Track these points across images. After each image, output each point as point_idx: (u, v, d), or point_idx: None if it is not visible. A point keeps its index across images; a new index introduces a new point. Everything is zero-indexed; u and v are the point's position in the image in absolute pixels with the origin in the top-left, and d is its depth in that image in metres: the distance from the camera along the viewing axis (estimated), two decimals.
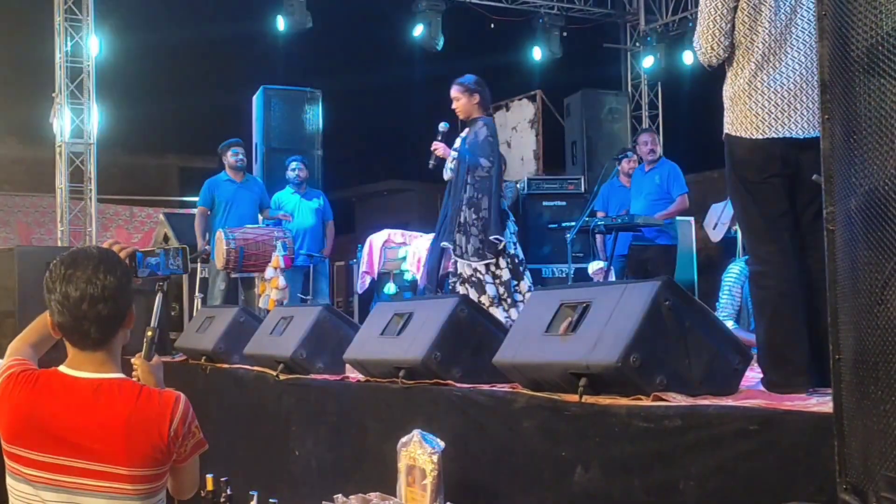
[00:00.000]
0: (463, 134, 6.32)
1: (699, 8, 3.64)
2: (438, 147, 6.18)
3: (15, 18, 11.52)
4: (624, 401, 2.93)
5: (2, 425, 2.42)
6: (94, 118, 9.96)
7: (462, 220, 6.11)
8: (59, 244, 9.81)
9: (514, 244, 6.19)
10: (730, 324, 5.70)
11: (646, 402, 2.88)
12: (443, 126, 6.24)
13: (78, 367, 2.44)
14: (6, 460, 2.42)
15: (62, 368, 2.46)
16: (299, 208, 8.87)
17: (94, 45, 9.94)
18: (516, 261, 6.12)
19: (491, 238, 6.01)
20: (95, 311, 2.39)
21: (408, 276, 9.41)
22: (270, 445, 5.09)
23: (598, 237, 8.30)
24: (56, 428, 2.37)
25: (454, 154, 6.11)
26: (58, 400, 2.39)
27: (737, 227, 7.79)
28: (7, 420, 2.41)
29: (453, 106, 6.30)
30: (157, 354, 2.86)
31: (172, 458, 2.47)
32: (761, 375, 3.44)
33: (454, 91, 6.23)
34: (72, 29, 9.82)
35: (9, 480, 2.43)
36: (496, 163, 6.15)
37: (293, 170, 8.95)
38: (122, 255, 2.64)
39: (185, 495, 2.67)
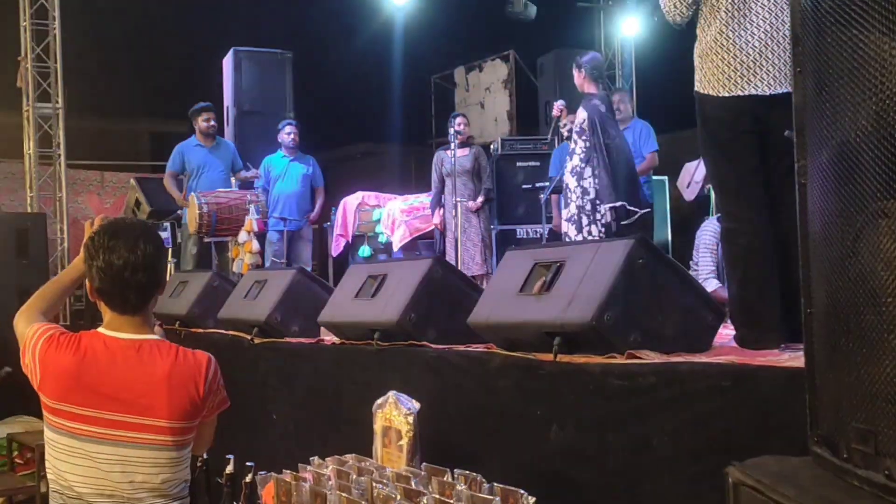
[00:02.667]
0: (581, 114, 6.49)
1: None
2: (557, 108, 6.71)
3: None
4: (598, 359, 2.94)
5: (48, 385, 2.56)
6: (60, 82, 9.81)
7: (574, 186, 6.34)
8: (29, 210, 9.70)
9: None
10: (714, 282, 5.73)
11: (620, 360, 2.89)
12: (560, 103, 6.77)
13: (117, 329, 2.61)
14: (48, 416, 2.57)
15: (102, 330, 2.62)
16: (287, 172, 8.79)
17: (58, 7, 9.76)
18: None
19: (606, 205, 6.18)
20: (136, 279, 2.56)
21: (382, 238, 9.40)
22: (247, 409, 5.09)
23: (554, 197, 8.24)
24: (103, 385, 2.53)
25: (567, 122, 6.31)
26: (103, 359, 2.56)
27: (710, 185, 7.80)
28: (53, 380, 2.55)
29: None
30: None
31: (203, 413, 2.65)
32: (734, 332, 3.46)
33: (573, 69, 6.65)
34: None
35: (49, 434, 2.59)
36: (616, 135, 6.40)
37: (288, 133, 8.85)
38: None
39: (202, 449, 2.90)
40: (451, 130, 8.19)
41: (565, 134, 6.62)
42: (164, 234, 8.51)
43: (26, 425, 7.05)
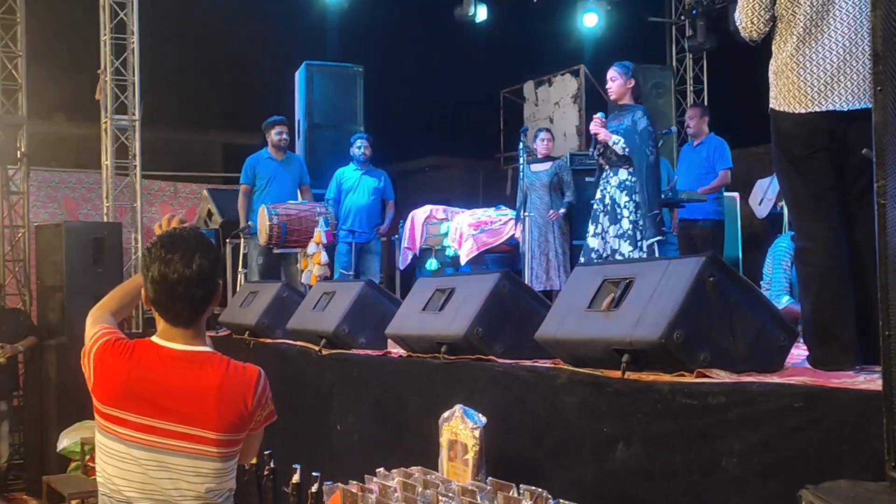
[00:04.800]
0: (616, 120, 6.41)
1: None
2: (600, 131, 6.33)
3: None
4: (667, 377, 2.91)
5: (100, 389, 2.59)
6: (138, 95, 10.03)
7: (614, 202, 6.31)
8: (105, 220, 9.91)
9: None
10: (785, 299, 5.64)
11: (689, 378, 2.86)
12: (599, 116, 6.48)
13: (170, 340, 2.61)
14: (99, 419, 2.60)
15: (155, 339, 2.63)
16: (359, 185, 8.88)
17: (136, 22, 10.00)
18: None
19: (650, 214, 6.18)
20: (189, 294, 2.57)
21: (449, 252, 9.41)
22: (313, 420, 5.14)
23: None
24: (153, 393, 2.55)
25: (616, 138, 6.18)
26: (154, 368, 2.57)
27: (783, 202, 7.69)
28: (105, 385, 2.59)
29: (609, 86, 6.53)
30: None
31: (251, 426, 2.65)
32: (807, 352, 3.40)
33: (613, 72, 6.48)
34: (116, 6, 9.89)
35: (99, 438, 2.62)
36: (655, 152, 6.37)
37: (358, 147, 8.94)
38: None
39: (248, 460, 2.86)
40: (525, 145, 8.14)
41: (600, 150, 6.47)
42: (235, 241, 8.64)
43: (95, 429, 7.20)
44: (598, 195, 6.41)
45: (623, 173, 6.26)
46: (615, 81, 6.43)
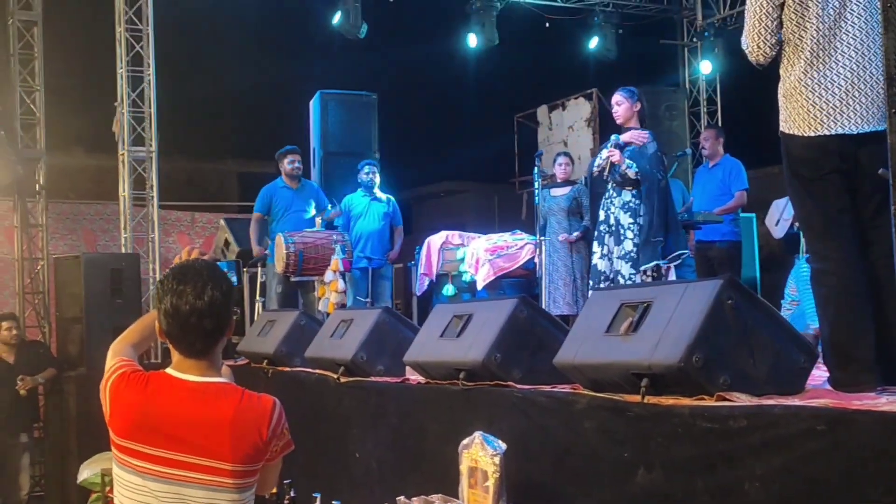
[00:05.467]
0: (622, 140, 6.42)
1: (745, 6, 3.60)
2: (615, 153, 6.32)
3: (77, 30, 11.76)
4: (687, 401, 2.90)
5: (115, 421, 2.60)
6: (154, 127, 10.11)
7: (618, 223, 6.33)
8: (124, 251, 9.98)
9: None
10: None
11: (709, 402, 2.84)
12: (615, 138, 6.46)
13: (184, 371, 2.62)
14: (115, 452, 2.60)
15: (169, 371, 2.64)
16: (368, 211, 8.90)
17: (153, 55, 10.09)
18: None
19: (653, 240, 6.17)
20: (202, 325, 2.57)
21: (466, 277, 9.41)
22: (331, 447, 5.13)
23: None
24: (167, 425, 2.55)
25: (628, 162, 6.20)
26: (168, 400, 2.58)
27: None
28: (121, 417, 2.59)
29: (613, 110, 6.54)
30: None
31: (267, 456, 2.63)
32: (828, 374, 3.39)
33: (619, 96, 6.48)
34: (132, 39, 9.99)
35: (116, 470, 2.62)
36: (665, 176, 6.41)
37: (366, 173, 8.97)
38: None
39: (266, 491, 2.85)
40: (540, 170, 8.15)
41: (595, 171, 6.49)
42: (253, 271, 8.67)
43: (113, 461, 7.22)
44: (602, 216, 6.41)
45: (627, 195, 6.27)
46: (621, 105, 6.45)
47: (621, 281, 6.17)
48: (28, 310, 10.31)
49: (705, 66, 12.73)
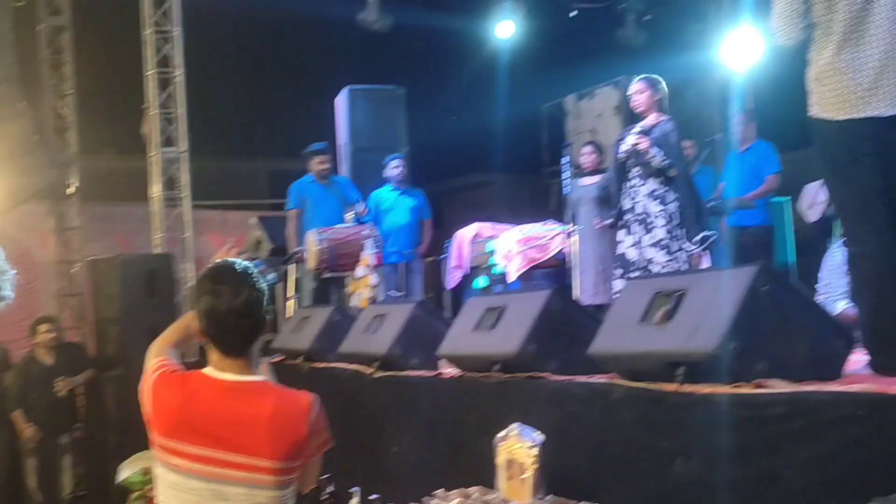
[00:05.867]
0: (640, 127, 6.42)
1: None
2: (643, 140, 6.32)
3: (105, 34, 11.84)
4: (724, 389, 2.88)
5: (157, 421, 2.65)
6: (184, 127, 10.16)
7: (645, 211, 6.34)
8: (157, 251, 10.05)
9: None
10: (841, 304, 5.56)
11: (747, 389, 2.82)
12: (642, 125, 6.48)
13: (223, 370, 2.66)
14: (157, 451, 2.65)
15: (208, 370, 2.68)
16: (396, 206, 8.91)
17: (181, 55, 10.13)
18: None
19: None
20: (239, 325, 2.62)
21: (497, 269, 9.39)
22: (368, 442, 5.15)
23: None
24: (207, 424, 2.59)
25: (655, 150, 6.20)
26: (208, 399, 2.62)
27: (832, 206, 7.60)
28: (162, 417, 2.64)
29: (633, 98, 6.53)
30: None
31: (306, 453, 2.66)
32: (868, 358, 3.35)
33: (640, 84, 6.48)
34: (160, 41, 10.04)
35: (158, 470, 2.67)
36: (684, 163, 6.44)
37: (394, 167, 8.97)
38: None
39: (306, 488, 2.85)
40: (571, 160, 8.12)
41: (622, 158, 6.47)
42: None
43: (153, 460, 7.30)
44: (628, 205, 6.38)
45: (653, 183, 6.25)
46: (642, 94, 6.44)
47: (655, 269, 6.15)
48: (65, 312, 10.42)
49: (734, 50, 12.59)
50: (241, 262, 2.74)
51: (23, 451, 8.74)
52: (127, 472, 7.85)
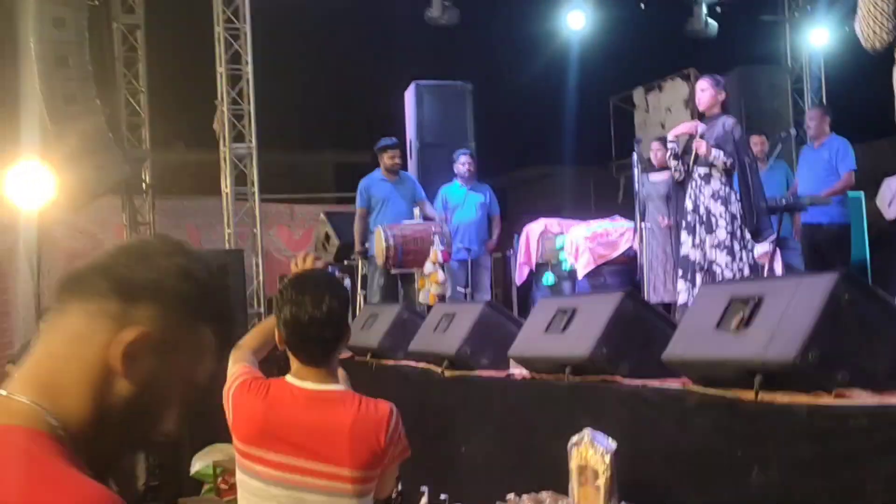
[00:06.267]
0: (701, 128, 6.38)
1: None
2: (702, 144, 6.28)
3: (177, 31, 12.02)
4: (804, 399, 2.81)
5: (239, 429, 2.71)
6: (254, 123, 10.28)
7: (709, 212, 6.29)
8: (227, 246, 10.18)
9: None
10: None
11: (828, 399, 2.76)
12: (702, 128, 6.41)
13: (304, 379, 2.69)
14: (239, 458, 2.71)
15: (289, 379, 2.72)
16: (465, 202, 8.91)
17: (251, 52, 10.25)
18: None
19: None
20: (320, 335, 2.65)
21: (566, 266, 9.35)
22: (437, 441, 5.15)
23: None
24: (288, 432, 2.63)
25: (716, 151, 6.15)
26: (289, 407, 2.66)
27: None
28: (244, 424, 2.70)
29: (698, 96, 6.50)
30: None
31: (384, 462, 2.69)
32: None
33: (704, 82, 6.45)
34: (230, 38, 10.16)
35: (239, 475, 2.72)
36: (753, 157, 6.45)
37: (463, 163, 8.97)
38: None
39: (383, 495, 2.89)
40: (640, 155, 8.05)
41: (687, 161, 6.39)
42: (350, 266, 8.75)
43: (225, 453, 7.41)
44: (690, 206, 6.30)
45: (716, 183, 6.17)
46: (705, 92, 6.38)
47: (717, 270, 6.08)
48: None
49: (809, 42, 12.34)
50: (323, 272, 2.77)
51: None
52: (199, 464, 7.98)
